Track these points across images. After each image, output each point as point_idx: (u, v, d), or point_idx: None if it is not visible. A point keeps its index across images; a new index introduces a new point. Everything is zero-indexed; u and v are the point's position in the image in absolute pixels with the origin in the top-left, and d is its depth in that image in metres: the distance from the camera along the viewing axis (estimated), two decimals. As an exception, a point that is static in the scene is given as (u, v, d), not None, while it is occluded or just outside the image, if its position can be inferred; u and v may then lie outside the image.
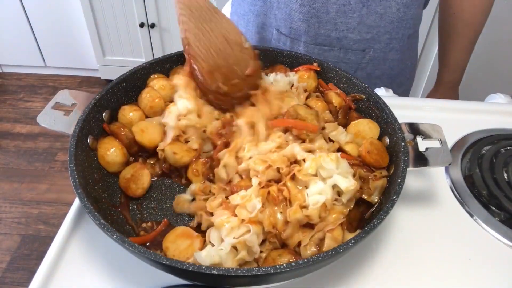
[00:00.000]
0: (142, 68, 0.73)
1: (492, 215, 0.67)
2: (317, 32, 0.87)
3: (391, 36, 0.88)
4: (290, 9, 0.85)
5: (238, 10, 0.97)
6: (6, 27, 2.45)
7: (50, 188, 2.05)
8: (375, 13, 0.83)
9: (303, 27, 0.86)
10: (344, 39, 0.87)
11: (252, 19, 0.93)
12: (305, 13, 0.84)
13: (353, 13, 0.83)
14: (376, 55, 0.91)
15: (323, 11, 0.83)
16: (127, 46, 2.45)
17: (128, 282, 0.57)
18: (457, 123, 0.82)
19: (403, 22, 0.87)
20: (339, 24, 0.85)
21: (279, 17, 0.88)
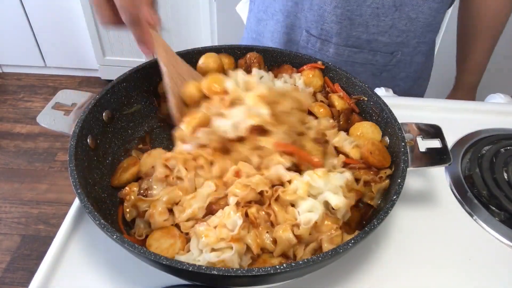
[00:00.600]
0: (142, 68, 0.73)
1: (492, 215, 0.67)
2: (348, 34, 0.87)
3: (419, 40, 0.89)
4: (323, 11, 0.85)
5: (268, 9, 0.96)
6: (6, 27, 2.45)
7: (50, 188, 2.05)
8: (407, 18, 0.84)
9: (335, 28, 0.86)
10: (374, 41, 0.88)
11: (282, 20, 0.92)
12: (338, 15, 0.84)
13: (385, 17, 0.83)
14: (403, 58, 0.91)
15: (357, 13, 0.84)
16: (127, 46, 2.45)
17: (128, 282, 0.57)
18: (457, 123, 0.82)
19: (431, 27, 0.88)
20: (371, 27, 0.85)
21: (310, 18, 0.88)
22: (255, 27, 1.02)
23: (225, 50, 0.79)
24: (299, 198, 0.57)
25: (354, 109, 0.73)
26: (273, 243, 0.55)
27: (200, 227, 0.55)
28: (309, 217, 0.55)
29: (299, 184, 0.57)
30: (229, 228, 0.54)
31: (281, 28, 0.94)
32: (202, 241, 0.53)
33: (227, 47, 0.79)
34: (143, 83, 0.74)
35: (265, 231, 0.55)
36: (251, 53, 0.78)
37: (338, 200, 0.56)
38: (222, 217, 0.55)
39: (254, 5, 1.01)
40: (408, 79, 0.97)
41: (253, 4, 1.02)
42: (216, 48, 0.79)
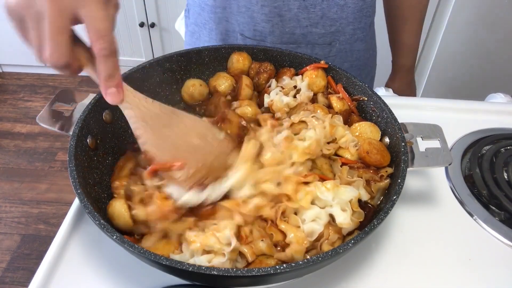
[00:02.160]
0: (142, 68, 0.73)
1: (492, 215, 0.67)
2: (281, 31, 0.87)
3: (354, 27, 0.89)
4: (251, 12, 0.85)
5: (198, 20, 0.95)
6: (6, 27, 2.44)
7: (50, 188, 2.04)
8: (336, 5, 0.84)
9: (267, 28, 0.86)
10: (309, 34, 0.87)
11: (214, 27, 0.92)
12: (267, 13, 0.84)
13: (314, 8, 0.83)
14: (342, 47, 0.91)
15: (285, 9, 0.83)
16: (127, 46, 2.45)
17: (128, 282, 0.57)
18: (457, 123, 0.82)
19: (363, 11, 0.88)
20: (302, 20, 0.85)
21: (241, 21, 0.88)
22: (190, 41, 1.02)
23: (225, 49, 0.79)
24: (301, 208, 0.56)
25: (353, 111, 0.73)
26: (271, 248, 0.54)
27: (190, 233, 0.54)
28: (312, 228, 0.54)
29: (302, 194, 0.57)
30: (221, 241, 0.53)
31: (216, 35, 0.93)
32: (192, 247, 0.53)
33: (226, 46, 0.79)
34: (143, 83, 0.74)
35: (259, 240, 0.54)
36: (267, 64, 0.78)
37: (344, 219, 0.55)
38: (216, 228, 0.54)
39: (188, 19, 1.01)
40: (353, 69, 0.97)
41: (187, 19, 1.02)
42: (215, 47, 0.79)
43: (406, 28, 0.98)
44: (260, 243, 0.54)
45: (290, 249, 0.53)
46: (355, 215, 0.57)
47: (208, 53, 0.78)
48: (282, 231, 0.55)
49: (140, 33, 2.37)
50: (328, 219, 0.56)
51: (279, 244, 0.55)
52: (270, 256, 0.54)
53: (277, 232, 0.55)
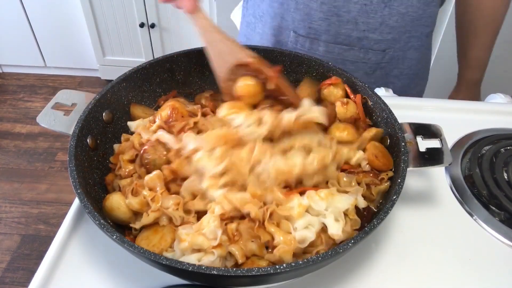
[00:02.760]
0: (142, 68, 0.73)
1: (492, 215, 0.67)
2: (337, 31, 0.86)
3: (410, 35, 0.88)
4: (309, 9, 0.84)
5: (256, 11, 0.95)
6: (6, 27, 2.45)
7: (50, 188, 2.04)
8: (398, 13, 0.83)
9: (323, 26, 0.86)
10: (365, 39, 0.87)
11: (269, 21, 0.92)
12: (325, 11, 0.83)
13: (375, 13, 0.82)
14: (396, 54, 0.90)
15: (344, 10, 0.83)
16: (127, 46, 2.45)
17: (128, 282, 0.57)
18: (457, 123, 0.82)
19: (422, 20, 0.87)
20: (360, 24, 0.84)
21: (297, 18, 0.87)
22: (245, 31, 1.02)
23: (225, 50, 0.79)
24: (292, 217, 0.55)
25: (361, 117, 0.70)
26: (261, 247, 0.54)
27: (182, 230, 0.54)
28: (305, 235, 0.53)
29: (296, 204, 0.56)
30: (208, 237, 0.53)
31: (269, 30, 0.93)
32: (182, 246, 0.53)
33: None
34: (143, 83, 0.74)
35: (249, 241, 0.54)
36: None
37: (336, 231, 0.54)
38: (200, 225, 0.54)
39: (246, 10, 1.01)
40: (402, 77, 0.96)
41: (245, 10, 1.02)
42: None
43: (477, 42, 0.96)
44: (251, 243, 0.53)
45: (278, 250, 0.52)
46: (351, 222, 0.56)
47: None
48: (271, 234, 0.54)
49: (140, 34, 2.37)
50: (320, 226, 0.55)
51: (269, 245, 0.54)
52: (261, 257, 0.54)
53: (265, 234, 0.54)
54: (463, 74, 1.02)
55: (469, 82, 1.02)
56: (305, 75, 0.79)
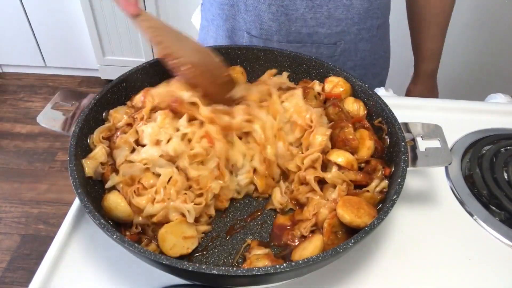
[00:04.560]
0: (142, 68, 0.73)
1: (492, 215, 0.67)
2: (288, 30, 0.87)
3: (359, 27, 0.89)
4: (258, 10, 0.85)
5: (207, 15, 0.96)
6: (6, 27, 2.45)
7: (50, 188, 2.04)
8: (342, 6, 0.84)
9: (273, 26, 0.87)
10: (315, 34, 0.88)
11: (221, 24, 0.92)
12: (274, 12, 0.84)
13: (321, 8, 0.84)
14: (347, 46, 0.91)
15: (292, 8, 0.84)
16: (127, 46, 2.45)
17: (128, 282, 0.57)
18: (457, 123, 0.82)
19: (370, 12, 0.88)
20: (309, 20, 0.85)
21: (248, 19, 0.88)
22: (201, 35, 1.02)
23: (225, 49, 0.79)
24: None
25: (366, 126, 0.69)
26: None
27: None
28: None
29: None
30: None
31: (223, 32, 0.93)
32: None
33: (226, 47, 0.79)
34: (143, 83, 0.74)
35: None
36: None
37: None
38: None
39: (202, 14, 1.01)
40: (357, 68, 0.97)
41: (202, 13, 1.02)
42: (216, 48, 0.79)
43: (429, 34, 0.98)
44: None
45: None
46: None
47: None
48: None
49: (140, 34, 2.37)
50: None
51: None
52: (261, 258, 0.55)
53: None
54: (418, 66, 1.05)
55: (425, 74, 1.04)
56: (305, 75, 0.79)
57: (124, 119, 0.67)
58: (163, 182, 0.59)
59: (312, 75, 0.78)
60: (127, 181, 0.60)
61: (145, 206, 0.57)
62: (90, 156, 0.62)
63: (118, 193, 0.59)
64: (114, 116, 0.68)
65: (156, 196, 0.58)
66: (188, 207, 0.57)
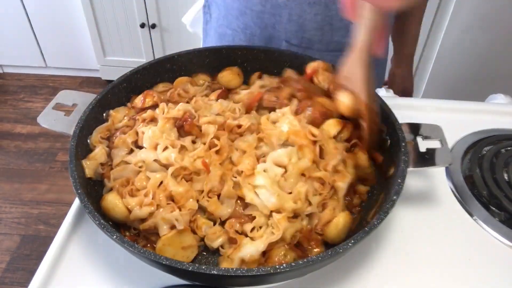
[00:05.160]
0: (143, 69, 0.73)
1: (492, 215, 0.67)
2: (330, 39, 0.87)
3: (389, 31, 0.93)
4: (303, 20, 0.85)
5: (234, 24, 0.94)
6: (7, 27, 2.45)
7: (50, 188, 2.04)
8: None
9: (317, 36, 0.87)
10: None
11: (258, 33, 0.91)
12: (319, 21, 0.85)
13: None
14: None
15: (337, 18, 0.84)
16: (127, 47, 2.45)
17: (128, 282, 0.57)
18: (457, 123, 0.82)
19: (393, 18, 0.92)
20: (351, 29, 0.85)
21: (289, 29, 0.87)
22: (218, 42, 1.00)
23: (225, 50, 0.79)
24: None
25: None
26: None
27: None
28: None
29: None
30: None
31: (258, 41, 0.92)
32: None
33: (227, 47, 0.79)
34: (143, 84, 0.74)
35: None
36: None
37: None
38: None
39: (216, 22, 0.98)
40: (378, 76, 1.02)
41: (209, 17, 1.00)
42: (216, 48, 0.79)
43: (415, 20, 1.04)
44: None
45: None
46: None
47: (209, 54, 0.78)
48: None
49: (141, 34, 2.37)
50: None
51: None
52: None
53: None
54: (401, 50, 1.10)
55: (407, 56, 1.11)
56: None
57: (124, 120, 0.67)
58: (152, 185, 0.58)
59: (312, 75, 0.78)
60: (123, 182, 0.60)
61: (134, 208, 0.57)
62: (90, 156, 0.62)
63: (116, 194, 0.58)
64: (114, 116, 0.68)
65: (145, 199, 0.57)
66: (175, 215, 0.56)
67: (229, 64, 0.79)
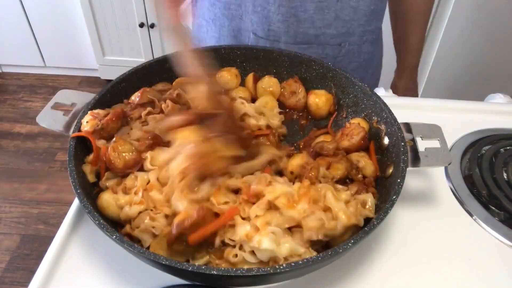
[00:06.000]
0: (141, 68, 0.73)
1: (492, 215, 0.67)
2: (296, 31, 0.87)
3: (364, 29, 0.90)
4: (267, 11, 0.85)
5: (206, 15, 0.95)
6: (6, 27, 2.45)
7: (50, 188, 2.04)
8: (349, 7, 0.85)
9: (282, 28, 0.86)
10: (322, 35, 0.88)
11: (226, 24, 0.91)
12: (283, 13, 0.84)
13: (329, 9, 0.84)
14: (351, 47, 0.92)
15: (301, 9, 0.84)
16: (126, 46, 2.45)
17: (128, 282, 0.57)
18: (456, 123, 0.82)
19: (375, 14, 0.89)
20: (317, 21, 0.86)
21: (255, 20, 0.87)
22: (197, 34, 1.01)
23: (225, 50, 0.79)
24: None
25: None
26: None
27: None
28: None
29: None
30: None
31: (227, 32, 0.92)
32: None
33: (226, 47, 0.79)
34: (142, 83, 0.74)
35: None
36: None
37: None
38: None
39: (197, 12, 0.99)
40: (360, 69, 0.98)
41: (195, 11, 1.00)
42: (215, 48, 0.79)
43: (413, 30, 1.01)
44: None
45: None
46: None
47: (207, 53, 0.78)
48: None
49: (140, 34, 2.37)
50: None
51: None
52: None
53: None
54: (402, 60, 1.08)
55: (410, 67, 1.08)
56: (305, 75, 0.79)
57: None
58: (142, 184, 0.58)
59: (312, 75, 0.78)
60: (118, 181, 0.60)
61: (124, 205, 0.57)
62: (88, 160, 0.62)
63: (111, 193, 0.58)
64: None
65: (134, 197, 0.57)
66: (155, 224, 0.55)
67: (228, 63, 0.79)
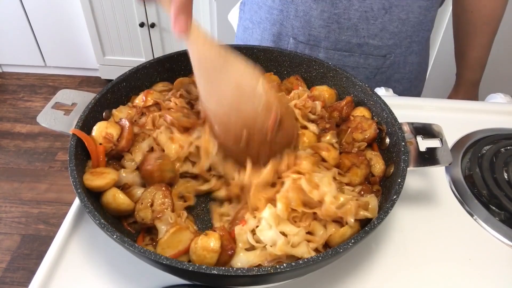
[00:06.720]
0: (142, 68, 0.73)
1: (492, 214, 0.67)
2: (337, 38, 0.86)
3: (411, 40, 0.87)
4: (309, 16, 0.84)
5: (254, 17, 0.95)
6: (6, 26, 2.45)
7: (50, 187, 2.05)
8: (398, 19, 0.82)
9: (323, 33, 0.86)
10: (365, 45, 0.86)
11: (268, 28, 0.91)
12: (325, 19, 0.83)
13: (375, 20, 0.82)
14: (397, 59, 0.90)
15: (345, 17, 0.83)
16: (127, 46, 2.45)
17: (128, 282, 0.57)
18: (457, 122, 0.82)
19: (423, 25, 0.86)
20: (361, 31, 0.84)
21: (296, 25, 0.87)
22: (242, 36, 1.02)
23: (225, 49, 0.79)
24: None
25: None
26: None
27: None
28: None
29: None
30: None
31: (268, 36, 0.93)
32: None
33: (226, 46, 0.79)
34: (143, 83, 0.74)
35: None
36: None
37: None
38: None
39: (243, 14, 1.00)
40: (404, 81, 0.95)
41: (242, 13, 1.01)
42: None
43: (476, 42, 0.94)
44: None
45: None
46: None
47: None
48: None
49: (140, 33, 2.38)
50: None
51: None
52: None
53: None
54: (462, 75, 1.01)
55: (468, 83, 1.01)
56: (305, 75, 0.79)
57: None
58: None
59: (312, 74, 0.78)
60: None
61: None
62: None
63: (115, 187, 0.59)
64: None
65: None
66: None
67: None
